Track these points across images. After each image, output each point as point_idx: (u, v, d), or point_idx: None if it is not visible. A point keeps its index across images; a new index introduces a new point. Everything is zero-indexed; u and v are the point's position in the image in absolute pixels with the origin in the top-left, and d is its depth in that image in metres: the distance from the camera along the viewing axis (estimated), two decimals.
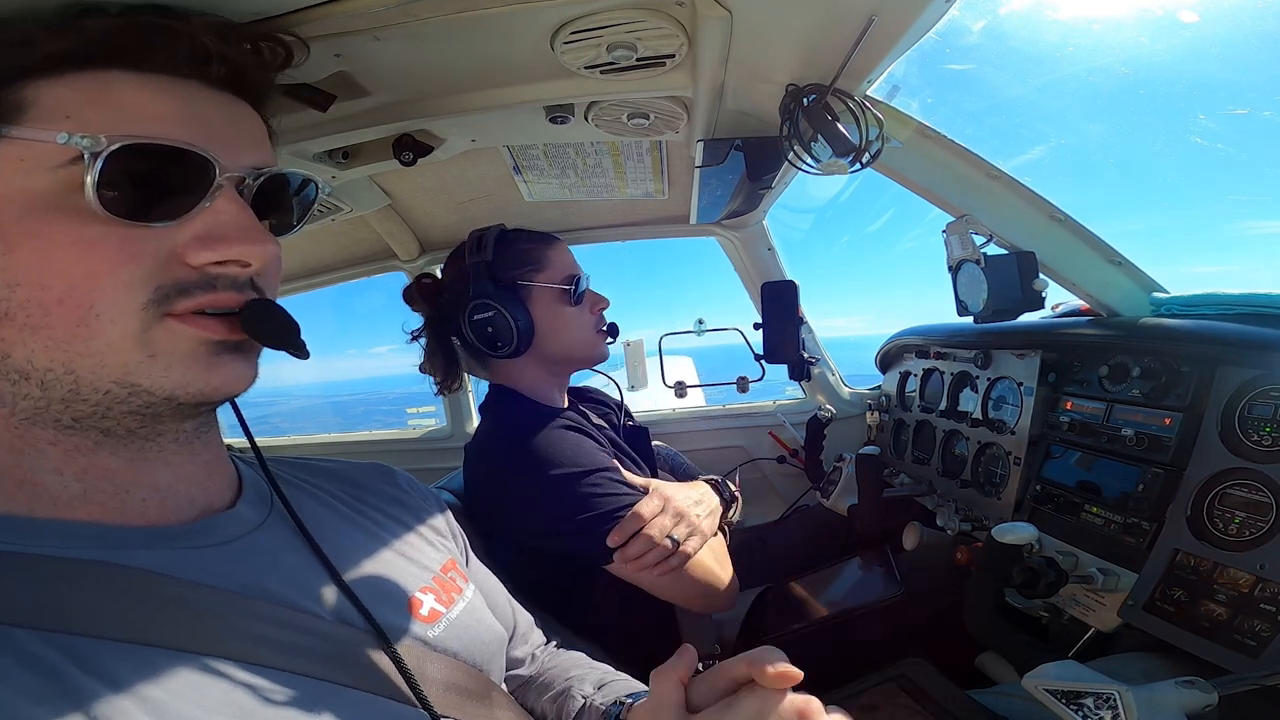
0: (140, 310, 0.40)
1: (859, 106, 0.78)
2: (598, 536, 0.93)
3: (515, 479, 0.98)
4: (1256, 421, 0.78)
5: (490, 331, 1.08)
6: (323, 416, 17.26)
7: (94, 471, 0.43)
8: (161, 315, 0.41)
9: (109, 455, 0.43)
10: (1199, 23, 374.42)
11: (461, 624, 0.57)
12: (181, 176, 0.41)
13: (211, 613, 0.42)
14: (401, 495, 0.66)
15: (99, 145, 0.39)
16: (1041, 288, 1.01)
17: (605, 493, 0.95)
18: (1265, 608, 0.70)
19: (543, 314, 1.11)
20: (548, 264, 1.13)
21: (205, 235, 0.42)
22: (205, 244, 0.42)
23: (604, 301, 1.19)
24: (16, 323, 0.39)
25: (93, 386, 0.40)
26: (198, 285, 0.42)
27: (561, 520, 0.95)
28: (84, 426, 0.42)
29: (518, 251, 1.12)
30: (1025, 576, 0.88)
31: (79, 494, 0.42)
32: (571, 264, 1.17)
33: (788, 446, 1.86)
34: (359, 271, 1.86)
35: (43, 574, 0.38)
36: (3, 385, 0.40)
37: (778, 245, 1.75)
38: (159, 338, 0.41)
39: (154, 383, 0.41)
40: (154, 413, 0.42)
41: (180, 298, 0.41)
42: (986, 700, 0.81)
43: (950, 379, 1.40)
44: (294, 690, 0.42)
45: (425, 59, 0.77)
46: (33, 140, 0.39)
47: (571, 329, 1.14)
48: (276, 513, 0.52)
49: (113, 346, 0.40)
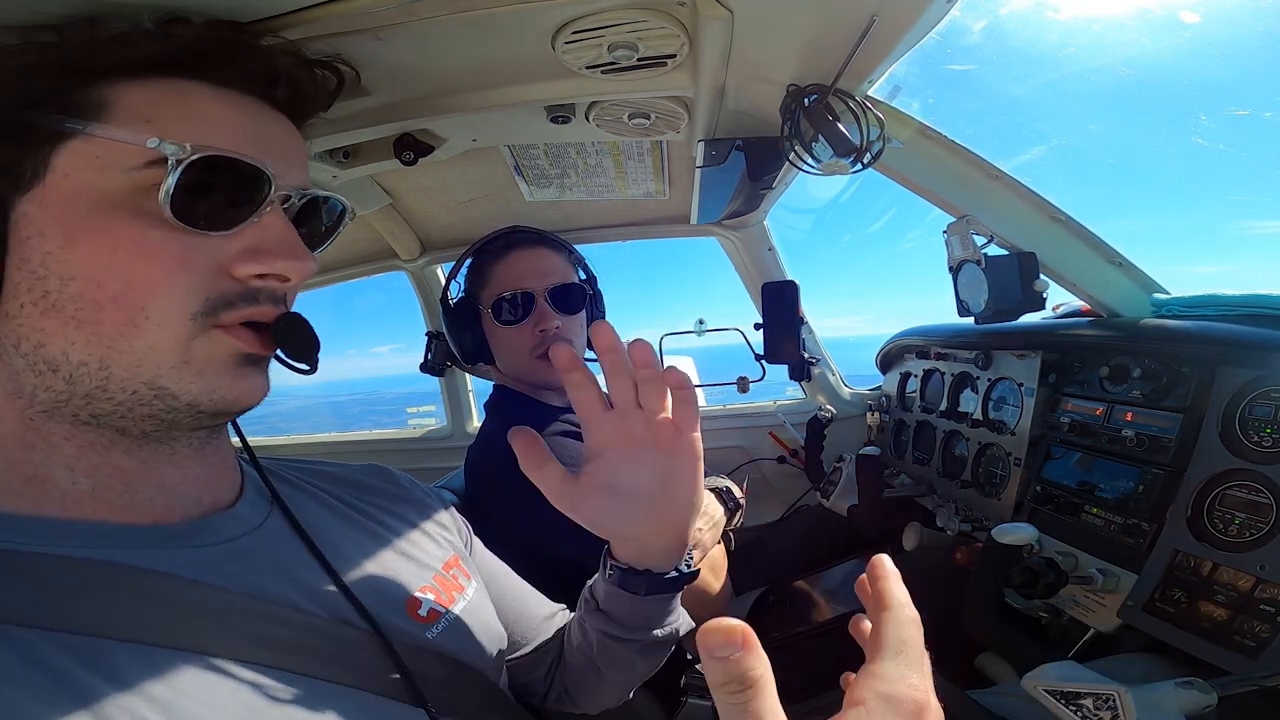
0: (188, 319, 0.41)
1: (860, 107, 0.78)
2: (595, 545, 0.93)
3: (516, 485, 0.98)
4: (1257, 422, 0.78)
5: (449, 346, 1.11)
6: (320, 417, 17.23)
7: (105, 469, 0.43)
8: (208, 327, 0.42)
9: (122, 454, 0.43)
10: (1200, 23, 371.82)
11: (461, 623, 0.57)
12: (241, 189, 0.43)
13: (212, 612, 0.42)
14: (401, 493, 0.66)
15: (184, 153, 0.40)
16: (1042, 288, 1.01)
17: None
18: (1265, 609, 0.70)
19: (488, 331, 1.11)
20: (489, 280, 1.11)
21: (253, 248, 0.43)
22: (254, 257, 0.43)
23: (547, 321, 1.10)
24: (64, 315, 0.39)
25: (121, 386, 0.40)
26: (241, 298, 0.43)
27: (558, 529, 0.95)
28: (101, 424, 0.42)
29: (474, 266, 1.13)
30: (1025, 577, 0.88)
31: (88, 491, 0.42)
32: (514, 279, 1.11)
33: (788, 447, 1.86)
34: (360, 271, 1.86)
35: (46, 573, 0.38)
36: (27, 375, 0.40)
37: (778, 245, 1.75)
38: (199, 347, 0.42)
39: (182, 388, 0.41)
40: (173, 419, 0.43)
41: (226, 310, 0.42)
42: (986, 700, 0.81)
43: (951, 379, 1.40)
44: (296, 689, 0.42)
45: (426, 58, 0.77)
46: (117, 140, 0.40)
47: (505, 349, 1.12)
48: (277, 513, 0.52)
49: (154, 349, 0.40)
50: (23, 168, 0.39)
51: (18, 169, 0.39)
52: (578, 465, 1.00)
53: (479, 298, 1.11)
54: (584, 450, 0.53)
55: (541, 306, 1.10)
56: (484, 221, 1.62)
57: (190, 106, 0.43)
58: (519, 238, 1.15)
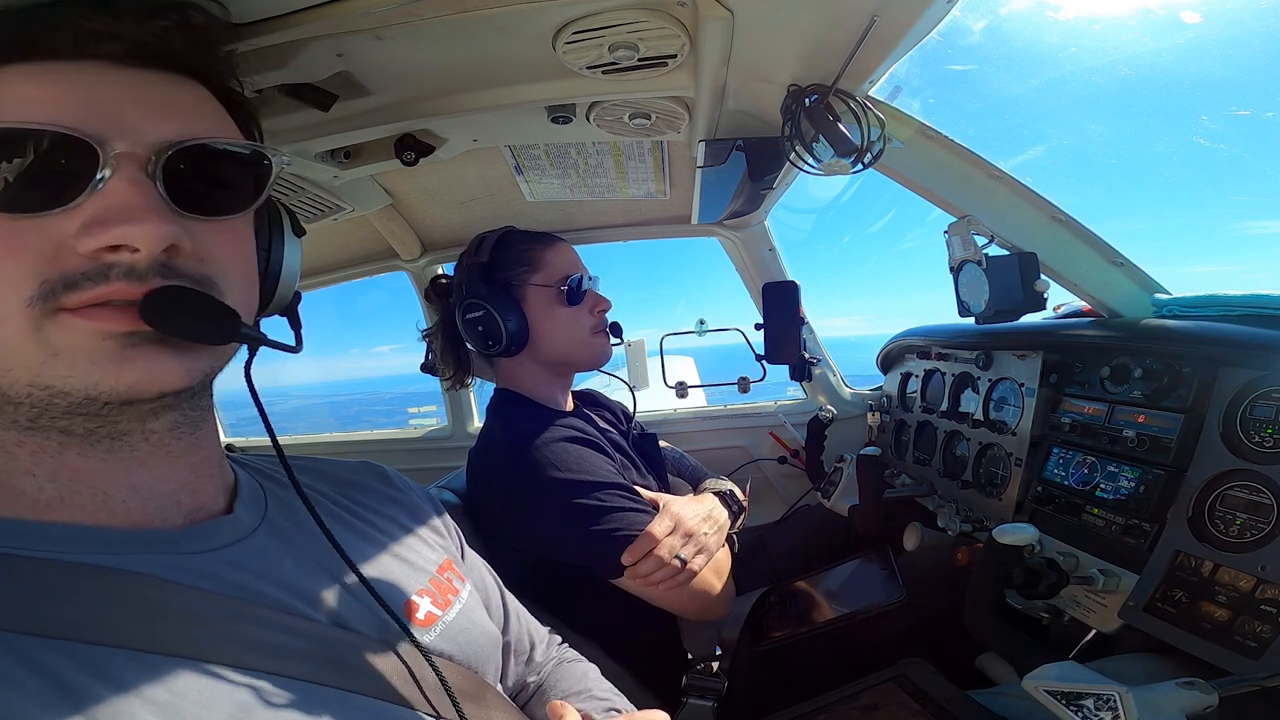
0: (25, 307, 0.37)
1: (860, 107, 0.78)
2: (602, 553, 0.94)
3: (520, 491, 0.99)
4: (1258, 423, 0.78)
5: (481, 330, 1.09)
6: (317, 416, 17.22)
7: (64, 472, 0.42)
8: (53, 311, 0.38)
9: (76, 455, 0.42)
10: (1202, 23, 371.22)
11: (457, 627, 0.57)
12: (63, 162, 0.38)
13: (207, 617, 0.41)
14: (396, 494, 0.66)
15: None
16: (1043, 289, 1.01)
17: (609, 508, 0.96)
18: (1266, 609, 0.70)
19: (538, 314, 1.11)
20: (543, 264, 1.13)
21: (90, 220, 0.38)
22: (88, 230, 0.38)
23: (605, 303, 1.19)
24: None
25: (14, 391, 0.39)
26: (88, 276, 0.38)
27: (565, 535, 0.96)
28: (41, 427, 0.40)
29: (515, 253, 1.13)
30: (1026, 577, 0.88)
31: (56, 496, 0.42)
32: (570, 264, 1.17)
33: (788, 447, 1.86)
34: (361, 271, 1.87)
35: (39, 578, 0.38)
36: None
37: (779, 246, 1.75)
38: (55, 335, 0.38)
39: (64, 383, 0.38)
40: (93, 412, 0.40)
41: (68, 291, 0.38)
42: (986, 701, 0.81)
43: (952, 380, 1.40)
44: (291, 695, 0.42)
45: (427, 59, 0.77)
46: None
47: (568, 329, 1.14)
48: (272, 515, 0.52)
49: (10, 349, 0.38)
50: None
51: None
52: (582, 472, 1.00)
53: (528, 281, 1.12)
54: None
55: (595, 291, 1.18)
56: (485, 221, 1.62)
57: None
58: (549, 233, 1.20)
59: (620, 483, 1.01)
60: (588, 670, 0.76)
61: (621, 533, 0.94)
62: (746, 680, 1.08)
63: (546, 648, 0.77)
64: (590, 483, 0.97)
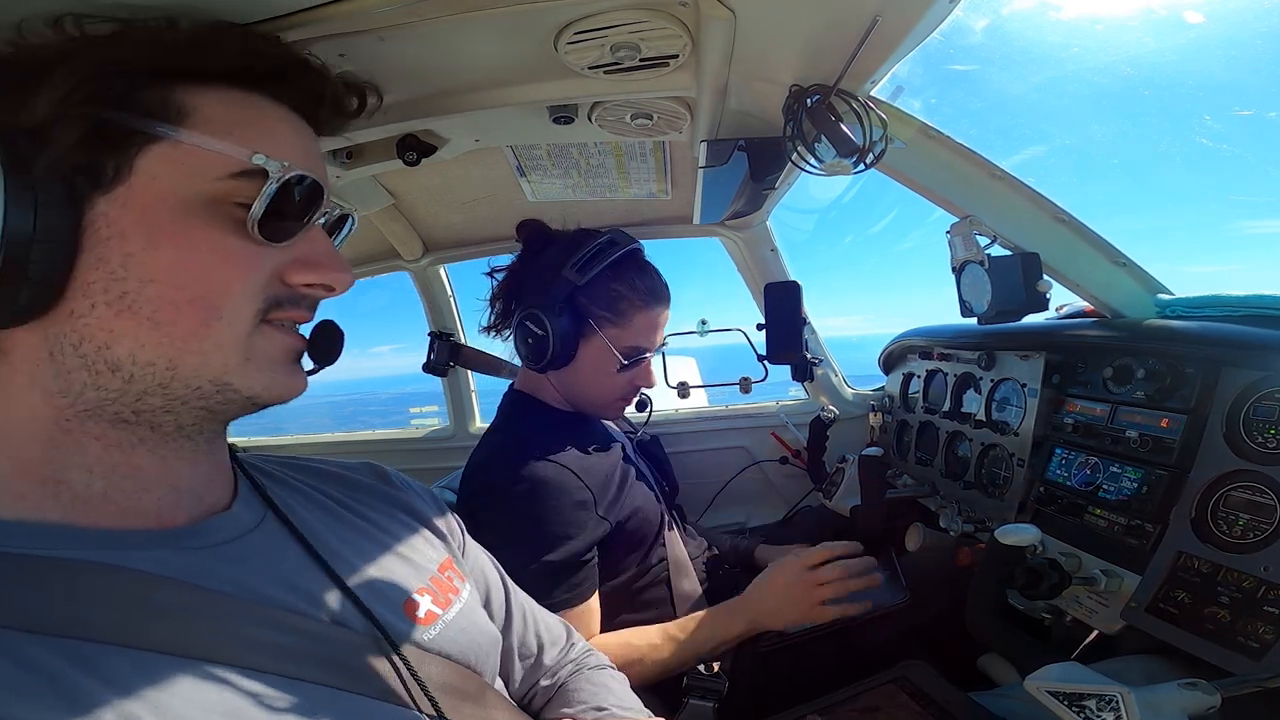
0: (253, 316, 0.44)
1: (862, 107, 0.78)
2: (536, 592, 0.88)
3: (503, 517, 0.97)
4: (1261, 423, 0.78)
5: (530, 341, 1.07)
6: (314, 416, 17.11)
7: (122, 469, 0.43)
8: (262, 323, 0.45)
9: (145, 452, 0.44)
10: (1204, 23, 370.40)
11: (457, 626, 0.57)
12: (301, 205, 0.45)
13: (205, 616, 0.41)
14: (396, 493, 0.65)
15: (282, 170, 0.43)
16: (1045, 289, 1.00)
17: (563, 564, 0.95)
18: (1269, 610, 0.70)
19: (587, 360, 1.10)
20: (627, 324, 1.10)
21: (305, 259, 0.47)
22: (307, 267, 0.47)
23: (650, 381, 1.17)
24: (139, 317, 0.40)
25: (185, 383, 0.42)
26: (291, 301, 0.47)
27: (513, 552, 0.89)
28: (139, 421, 0.43)
29: (611, 294, 1.09)
30: (1028, 578, 0.88)
31: (100, 492, 0.42)
32: (649, 339, 1.13)
33: (790, 447, 1.86)
34: (363, 271, 1.87)
35: (34, 574, 0.38)
36: (79, 375, 0.40)
37: (781, 246, 1.75)
38: (257, 343, 0.44)
39: (244, 383, 0.44)
40: (222, 411, 0.45)
41: (277, 310, 0.46)
42: (988, 702, 0.81)
43: (954, 380, 1.39)
44: (290, 695, 0.42)
45: (429, 59, 0.77)
46: (211, 150, 0.41)
47: (602, 387, 1.13)
48: (272, 514, 0.52)
49: (221, 348, 0.43)
50: (104, 167, 0.39)
51: (99, 168, 0.39)
52: (581, 473, 0.99)
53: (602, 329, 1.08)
54: None
55: (649, 367, 1.16)
56: (488, 221, 1.62)
57: (266, 124, 0.45)
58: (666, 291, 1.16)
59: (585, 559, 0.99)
60: (608, 681, 0.74)
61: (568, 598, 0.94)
62: (747, 681, 1.08)
63: (561, 650, 0.76)
64: (560, 536, 0.95)
